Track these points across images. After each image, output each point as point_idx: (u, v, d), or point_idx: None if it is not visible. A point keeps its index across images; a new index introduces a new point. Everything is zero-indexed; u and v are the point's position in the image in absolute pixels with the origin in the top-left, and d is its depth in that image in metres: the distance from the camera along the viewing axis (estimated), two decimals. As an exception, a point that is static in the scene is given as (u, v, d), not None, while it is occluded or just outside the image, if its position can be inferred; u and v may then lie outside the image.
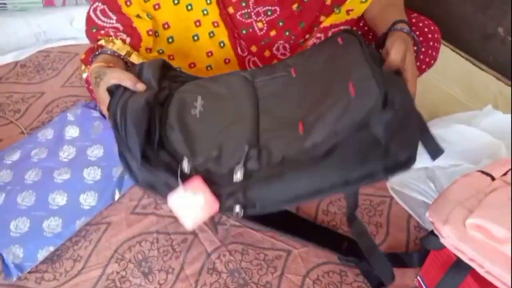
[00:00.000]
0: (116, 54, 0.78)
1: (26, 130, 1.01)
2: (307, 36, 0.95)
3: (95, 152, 0.90)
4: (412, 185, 0.87)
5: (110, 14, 0.81)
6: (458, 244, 0.60)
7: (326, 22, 0.91)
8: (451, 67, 1.20)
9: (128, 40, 0.80)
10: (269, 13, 0.90)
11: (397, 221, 0.83)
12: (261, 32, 0.93)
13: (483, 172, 0.74)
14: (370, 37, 0.93)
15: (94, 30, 0.81)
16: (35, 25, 1.23)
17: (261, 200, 0.63)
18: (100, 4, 0.82)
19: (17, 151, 0.91)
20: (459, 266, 0.63)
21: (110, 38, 0.79)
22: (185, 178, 0.63)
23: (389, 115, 0.58)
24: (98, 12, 0.82)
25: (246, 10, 0.90)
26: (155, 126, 0.67)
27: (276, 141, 0.66)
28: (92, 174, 0.86)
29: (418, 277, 0.74)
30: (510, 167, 0.73)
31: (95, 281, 0.75)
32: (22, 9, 1.23)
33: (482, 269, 0.58)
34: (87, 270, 0.77)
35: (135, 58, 0.80)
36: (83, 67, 1.08)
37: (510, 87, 1.13)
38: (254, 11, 0.90)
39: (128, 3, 0.82)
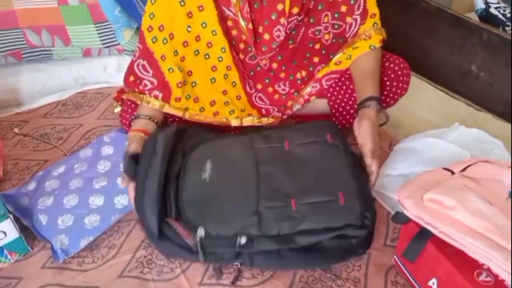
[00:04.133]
0: (147, 117, 1.00)
1: (68, 153, 1.20)
2: (301, 73, 1.16)
3: (127, 165, 1.09)
4: (391, 188, 1.03)
5: (148, 68, 1.03)
6: (418, 213, 0.76)
7: (319, 74, 1.12)
8: (427, 96, 1.39)
9: (160, 95, 1.01)
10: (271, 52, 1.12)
11: (379, 216, 0.98)
12: (265, 67, 1.15)
13: (445, 168, 0.90)
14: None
15: (132, 78, 1.03)
16: (75, 71, 1.47)
17: (259, 265, 0.86)
18: (141, 60, 1.03)
19: (63, 165, 1.10)
20: (421, 234, 0.78)
21: (144, 96, 1.01)
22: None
23: (365, 232, 0.83)
24: (140, 67, 1.03)
25: (252, 54, 1.11)
26: (170, 202, 0.87)
27: (273, 211, 0.84)
28: (124, 182, 1.04)
29: (394, 256, 0.88)
30: (468, 164, 0.90)
31: (126, 263, 0.91)
32: (64, 58, 1.48)
33: (436, 230, 0.74)
34: (120, 255, 0.93)
35: (167, 109, 1.02)
36: (115, 103, 1.31)
37: (479, 111, 1.32)
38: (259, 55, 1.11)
39: (163, 58, 1.02)
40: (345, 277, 0.86)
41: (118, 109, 1.29)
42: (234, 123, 1.09)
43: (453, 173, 0.88)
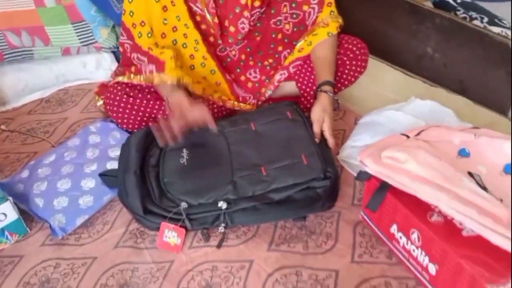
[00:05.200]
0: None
1: (55, 144, 1.27)
2: (268, 61, 1.27)
3: (115, 152, 1.16)
4: (356, 156, 1.14)
5: (142, 58, 1.13)
6: (377, 168, 0.87)
7: (286, 62, 1.24)
8: (387, 77, 1.52)
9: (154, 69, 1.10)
10: (239, 43, 1.22)
11: (345, 180, 1.09)
12: (235, 58, 1.25)
13: (402, 134, 1.02)
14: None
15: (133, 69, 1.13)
16: (56, 69, 1.53)
17: (239, 222, 0.97)
18: (135, 54, 1.14)
19: (53, 154, 1.17)
20: (381, 187, 0.89)
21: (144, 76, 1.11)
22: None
23: (328, 183, 0.96)
24: (136, 59, 1.15)
25: (221, 46, 1.21)
26: (152, 187, 0.99)
27: (246, 178, 0.98)
28: (113, 166, 1.12)
29: (361, 212, 1.00)
30: (422, 129, 1.02)
31: (120, 236, 0.99)
32: (45, 58, 1.54)
33: (393, 180, 0.85)
34: (114, 229, 1.01)
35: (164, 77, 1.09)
36: (97, 97, 1.39)
37: (434, 87, 1.45)
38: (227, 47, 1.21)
39: (151, 49, 1.11)
40: (319, 232, 0.97)
41: (100, 102, 1.37)
42: (218, 101, 1.20)
43: (408, 137, 1.00)
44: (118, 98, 1.15)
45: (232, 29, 1.16)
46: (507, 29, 1.51)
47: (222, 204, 0.94)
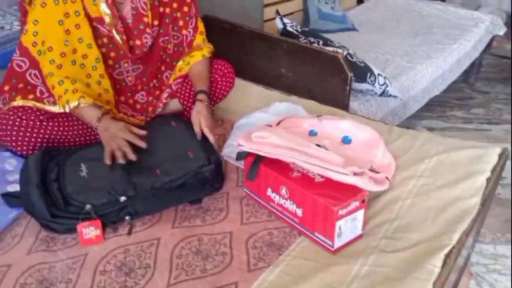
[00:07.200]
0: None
1: None
2: (153, 82, 1.48)
3: (14, 176, 1.23)
4: (234, 152, 1.39)
5: (39, 76, 1.29)
6: (249, 145, 1.13)
7: (170, 80, 1.47)
8: (254, 93, 1.82)
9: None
10: (135, 69, 1.41)
11: (230, 169, 1.32)
12: (130, 83, 1.43)
13: (266, 125, 1.30)
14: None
15: (21, 85, 1.28)
16: None
17: (143, 210, 1.13)
18: (32, 70, 1.29)
19: None
20: (255, 160, 1.14)
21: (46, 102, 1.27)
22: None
23: (212, 167, 1.19)
24: (32, 75, 1.30)
25: (119, 70, 1.39)
26: (56, 197, 1.11)
27: (144, 177, 1.17)
28: (14, 189, 1.19)
29: (244, 188, 1.23)
30: (280, 120, 1.30)
31: (32, 243, 1.07)
32: None
33: (262, 151, 1.11)
34: (24, 239, 1.08)
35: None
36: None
37: (289, 96, 1.79)
38: (125, 70, 1.40)
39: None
40: (213, 209, 1.17)
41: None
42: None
43: (271, 126, 1.28)
44: (11, 122, 1.24)
45: (138, 42, 1.38)
46: (338, 48, 1.95)
47: (121, 198, 1.10)
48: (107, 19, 1.31)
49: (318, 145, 1.16)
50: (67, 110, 1.26)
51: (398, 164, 1.25)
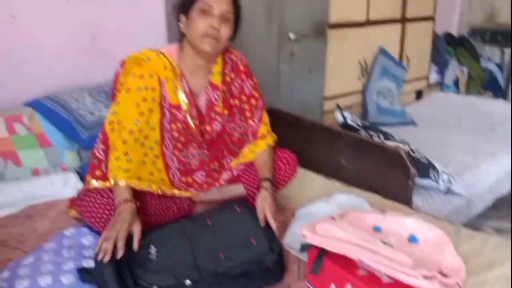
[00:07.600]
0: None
1: (28, 250, 1.38)
2: (214, 164, 1.57)
3: (89, 252, 1.30)
4: (297, 240, 1.41)
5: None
6: (313, 237, 1.14)
7: (232, 164, 1.56)
8: (314, 182, 1.86)
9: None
10: (201, 154, 1.52)
11: (292, 260, 1.33)
12: (195, 167, 1.54)
13: (330, 217, 1.32)
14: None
15: (95, 161, 1.41)
16: (26, 188, 1.69)
17: None
18: (101, 145, 1.44)
19: (30, 256, 1.28)
20: (320, 254, 1.14)
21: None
22: None
23: (275, 255, 1.24)
24: (100, 150, 1.44)
25: (186, 153, 1.51)
26: (126, 275, 1.17)
27: (207, 261, 1.23)
28: (88, 264, 1.26)
29: (306, 282, 1.22)
30: (343, 213, 1.32)
31: None
32: (16, 178, 1.71)
33: (326, 244, 1.12)
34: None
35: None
36: (69, 209, 1.57)
37: (350, 187, 1.81)
38: (191, 153, 1.52)
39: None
40: (275, 301, 1.17)
41: (73, 213, 1.54)
42: (157, 191, 1.47)
43: (334, 218, 1.30)
44: (91, 200, 1.35)
45: (208, 128, 1.52)
46: (398, 143, 1.98)
47: (186, 281, 1.15)
48: (184, 107, 1.46)
49: (383, 242, 1.16)
50: (112, 183, 1.37)
51: (467, 268, 1.21)
